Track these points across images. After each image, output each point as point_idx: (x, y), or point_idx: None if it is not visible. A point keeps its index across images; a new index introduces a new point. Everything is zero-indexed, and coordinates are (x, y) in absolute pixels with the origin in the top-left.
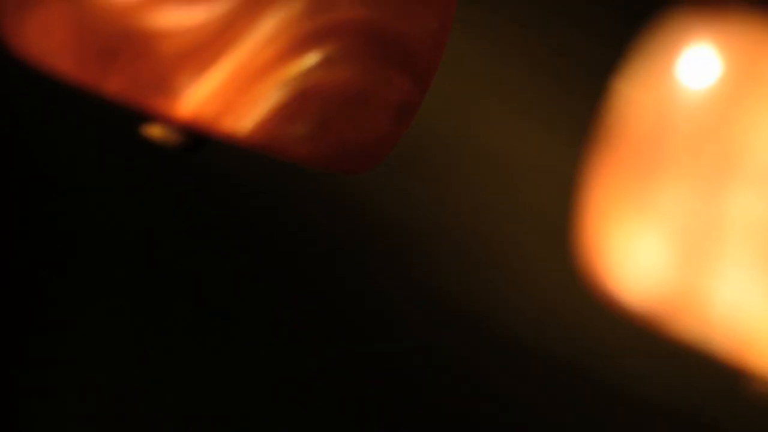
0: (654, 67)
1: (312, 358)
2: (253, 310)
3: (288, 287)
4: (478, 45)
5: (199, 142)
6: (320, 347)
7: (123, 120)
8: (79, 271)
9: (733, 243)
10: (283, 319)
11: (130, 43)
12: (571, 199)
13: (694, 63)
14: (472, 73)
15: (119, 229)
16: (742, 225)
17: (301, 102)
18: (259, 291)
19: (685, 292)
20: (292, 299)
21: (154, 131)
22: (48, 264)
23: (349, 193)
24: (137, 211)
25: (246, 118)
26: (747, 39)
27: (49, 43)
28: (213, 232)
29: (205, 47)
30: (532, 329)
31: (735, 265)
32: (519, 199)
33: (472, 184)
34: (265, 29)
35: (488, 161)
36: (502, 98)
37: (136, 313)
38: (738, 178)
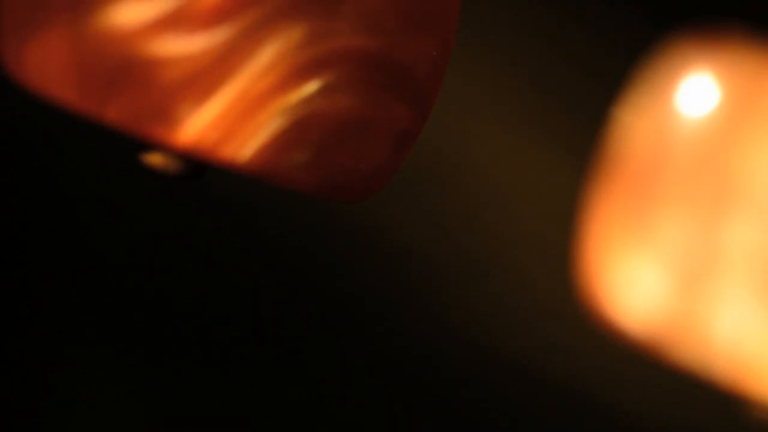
0: (654, 95)
1: (313, 384)
2: (254, 335)
3: (289, 310)
4: (479, 69)
5: (199, 169)
6: (320, 372)
7: (123, 145)
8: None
9: (732, 271)
10: (284, 342)
11: (130, 72)
12: (573, 225)
13: (694, 92)
14: (472, 98)
15: (120, 252)
16: (741, 253)
17: (301, 130)
18: (259, 316)
19: (685, 320)
20: (293, 322)
21: (155, 159)
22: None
23: (349, 219)
24: (138, 235)
25: (245, 146)
26: (746, 68)
27: (49, 71)
28: (211, 259)
29: (205, 75)
30: (532, 354)
31: (734, 293)
32: (519, 225)
33: (473, 210)
34: (265, 57)
35: (488, 187)
36: (503, 123)
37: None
38: (737, 207)
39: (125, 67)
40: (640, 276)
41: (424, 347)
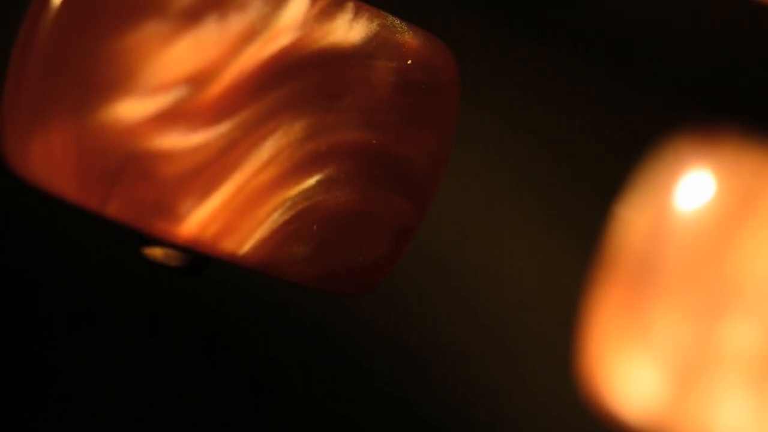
0: (654, 194)
1: None
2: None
3: (284, 405)
4: (478, 165)
5: (200, 263)
6: None
7: (124, 236)
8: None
9: (729, 369)
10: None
11: (131, 166)
12: (572, 320)
13: (693, 191)
14: (471, 193)
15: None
16: (739, 351)
17: (301, 223)
18: (258, 413)
19: (684, 416)
20: (288, 418)
21: (156, 252)
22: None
23: (343, 313)
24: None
25: (246, 240)
26: (744, 168)
27: (49, 165)
28: (209, 353)
29: (206, 169)
30: None
31: (731, 391)
32: (518, 320)
33: (471, 305)
34: (265, 151)
35: (487, 282)
36: (501, 219)
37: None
38: (735, 306)
39: (126, 161)
40: (639, 372)
41: None
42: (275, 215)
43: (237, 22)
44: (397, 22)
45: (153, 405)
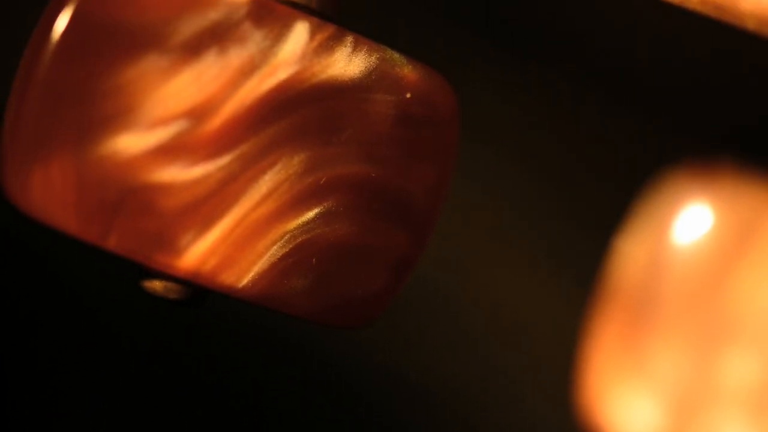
0: (653, 228)
1: None
2: None
3: None
4: (478, 198)
5: (199, 295)
6: None
7: (124, 269)
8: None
9: (728, 404)
10: None
11: (131, 200)
12: (571, 354)
13: (692, 225)
14: (470, 227)
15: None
16: (737, 386)
17: (300, 256)
18: None
19: None
20: None
21: (155, 285)
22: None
23: (342, 346)
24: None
25: (245, 273)
26: (742, 202)
27: (50, 199)
28: (207, 385)
29: (206, 203)
30: None
31: (730, 426)
32: (518, 352)
33: (470, 339)
34: (265, 185)
35: (487, 313)
36: (500, 253)
37: None
38: (733, 339)
39: (126, 195)
40: (638, 404)
41: None
42: (274, 248)
43: (236, 56)
44: (396, 55)
45: None
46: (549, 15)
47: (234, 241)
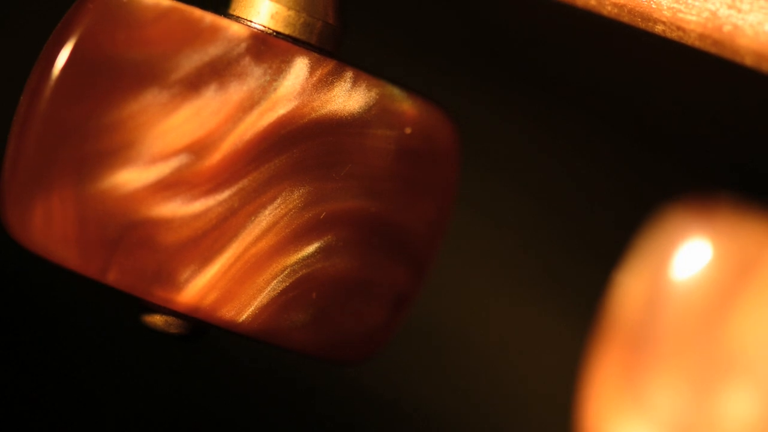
0: (652, 262)
1: None
2: None
3: None
4: (477, 231)
5: (200, 330)
6: None
7: (125, 303)
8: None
9: None
10: None
11: (130, 234)
12: (571, 386)
13: (691, 259)
14: (471, 260)
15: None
16: (736, 422)
17: (300, 290)
18: None
19: None
20: None
21: (156, 320)
22: None
23: (346, 381)
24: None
25: (245, 308)
26: (742, 237)
27: (50, 234)
28: (205, 418)
29: (205, 237)
30: None
31: None
32: (518, 386)
33: (471, 373)
34: (265, 219)
35: (487, 348)
36: (502, 285)
37: None
38: (732, 375)
39: (126, 230)
40: None
41: None
42: (274, 283)
43: (236, 91)
44: (396, 90)
45: None
46: (551, 48)
47: (234, 275)
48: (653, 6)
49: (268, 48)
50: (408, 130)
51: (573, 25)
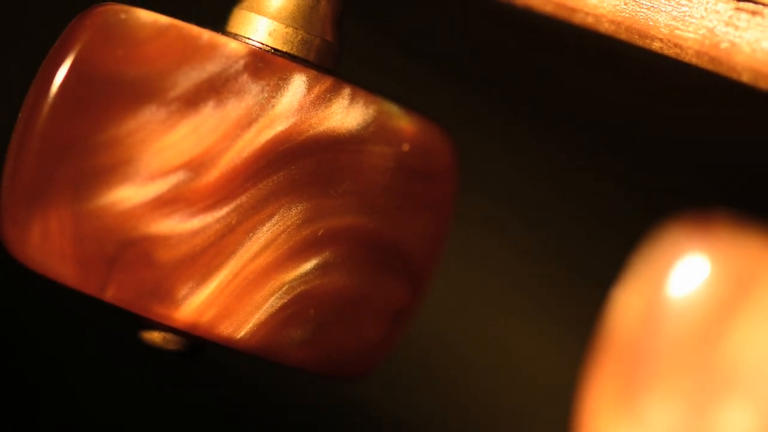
0: (650, 278)
1: None
2: None
3: None
4: (476, 249)
5: (198, 346)
6: None
7: (123, 319)
8: None
9: None
10: None
11: (128, 251)
12: (568, 403)
13: (688, 276)
14: (469, 276)
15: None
16: None
17: (298, 307)
18: None
19: None
20: None
21: (154, 337)
22: None
23: (344, 397)
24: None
25: (243, 324)
26: (739, 253)
27: (48, 251)
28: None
29: (204, 254)
30: None
31: None
32: (515, 402)
33: (470, 386)
34: (263, 236)
35: (484, 364)
36: (499, 302)
37: None
38: (730, 392)
39: (124, 247)
40: None
41: None
42: (272, 299)
43: (234, 108)
44: (394, 107)
45: None
46: (549, 65)
47: (232, 292)
48: (650, 23)
49: (266, 65)
50: (406, 147)
51: (570, 43)
